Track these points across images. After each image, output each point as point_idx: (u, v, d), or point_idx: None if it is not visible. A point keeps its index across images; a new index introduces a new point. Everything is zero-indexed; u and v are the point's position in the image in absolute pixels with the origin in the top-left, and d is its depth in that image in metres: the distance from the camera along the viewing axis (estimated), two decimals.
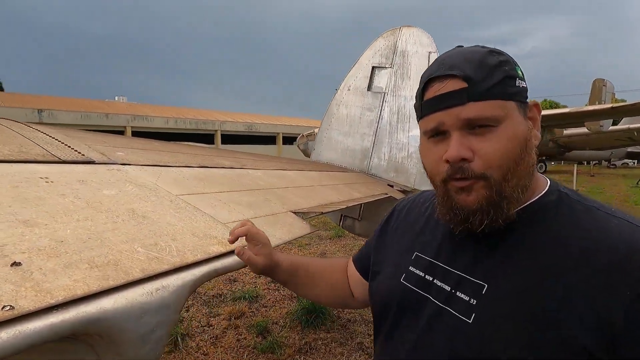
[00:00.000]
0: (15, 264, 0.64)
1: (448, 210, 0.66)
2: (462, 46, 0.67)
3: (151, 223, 0.96)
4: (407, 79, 3.84)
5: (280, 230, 1.36)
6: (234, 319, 3.53)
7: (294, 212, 1.60)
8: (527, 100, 0.65)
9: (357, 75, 4.10)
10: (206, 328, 3.39)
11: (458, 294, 0.65)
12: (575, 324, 0.53)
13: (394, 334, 0.73)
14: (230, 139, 28.82)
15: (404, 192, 3.42)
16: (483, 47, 0.64)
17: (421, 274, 0.72)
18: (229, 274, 4.56)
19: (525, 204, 0.65)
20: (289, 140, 31.50)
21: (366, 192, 2.96)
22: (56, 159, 1.21)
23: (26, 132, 1.47)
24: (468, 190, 0.62)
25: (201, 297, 4.00)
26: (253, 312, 3.68)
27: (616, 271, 0.53)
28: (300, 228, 1.49)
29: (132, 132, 24.04)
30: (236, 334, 3.29)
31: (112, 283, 0.67)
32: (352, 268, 1.03)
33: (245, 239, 0.90)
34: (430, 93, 0.64)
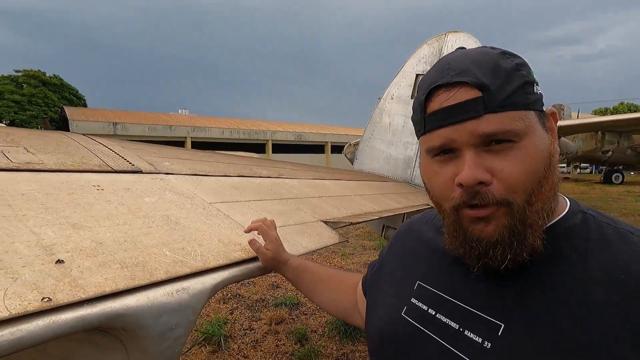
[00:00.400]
0: (59, 261, 0.73)
1: (462, 243, 0.55)
2: (464, 48, 0.59)
3: (182, 229, 1.04)
4: None
5: (307, 239, 1.38)
6: (275, 324, 3.61)
7: (324, 222, 1.62)
8: (544, 108, 0.56)
9: (401, 84, 4.05)
10: (248, 331, 3.50)
11: (466, 332, 0.54)
12: (621, 351, 0.45)
13: None
14: (280, 148, 29.81)
15: None
16: (493, 48, 0.55)
17: (424, 307, 0.62)
18: (272, 280, 4.68)
19: (549, 225, 0.55)
20: (337, 149, 31.76)
21: (406, 203, 2.89)
22: (109, 169, 1.35)
23: (90, 145, 1.67)
24: (487, 219, 0.52)
25: (245, 301, 4.16)
26: (293, 318, 3.73)
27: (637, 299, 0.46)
28: (328, 237, 1.50)
29: (192, 142, 25.88)
30: (275, 339, 3.35)
31: (137, 283, 0.74)
32: (359, 288, 0.94)
33: (258, 233, 1.04)
34: (436, 104, 0.54)
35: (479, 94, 0.50)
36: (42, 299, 0.62)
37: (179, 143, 24.76)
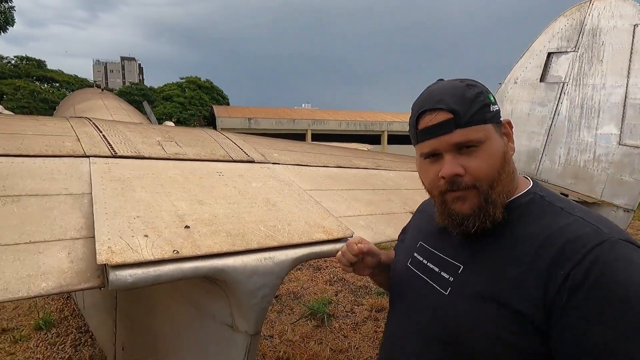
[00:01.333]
0: (187, 227, 0.99)
1: (446, 217, 0.78)
2: (443, 79, 0.80)
3: (277, 210, 1.24)
4: (598, 63, 3.07)
5: (392, 228, 1.43)
6: (375, 311, 3.71)
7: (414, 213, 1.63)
8: (501, 119, 0.77)
9: (527, 65, 3.55)
10: (349, 314, 3.70)
11: (442, 273, 0.79)
12: (515, 296, 0.65)
13: (399, 309, 0.89)
14: (396, 139, 29.21)
15: (583, 203, 2.77)
16: (461, 80, 0.76)
17: (421, 258, 0.87)
18: None
19: (508, 201, 0.75)
20: None
21: None
22: (230, 159, 1.67)
23: (220, 139, 2.06)
24: (463, 199, 0.74)
25: (349, 286, 4.38)
26: None
27: (556, 257, 0.64)
28: None
29: (312, 134, 27.63)
30: (375, 325, 3.46)
31: (236, 248, 0.95)
32: None
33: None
34: (423, 123, 0.76)
35: (451, 116, 0.73)
36: (173, 251, 0.87)
37: (301, 135, 26.81)
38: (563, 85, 3.27)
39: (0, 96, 28.73)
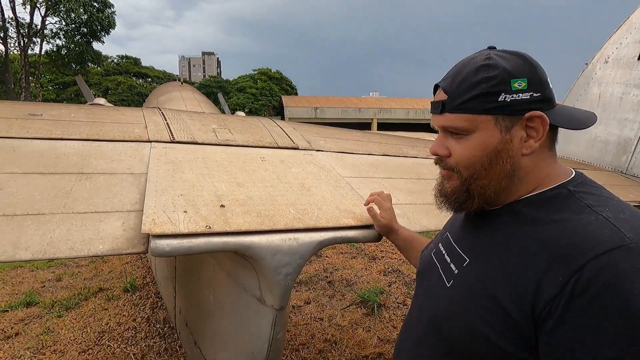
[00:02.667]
0: (222, 206, 1.09)
1: (437, 187, 0.80)
2: (494, 48, 0.72)
3: (310, 195, 1.28)
4: None
5: (429, 220, 1.39)
6: None
7: None
8: (522, 111, 0.67)
9: (622, 42, 3.03)
10: (401, 305, 3.65)
11: (451, 265, 0.77)
12: (503, 291, 0.62)
13: (416, 297, 0.91)
14: None
15: None
16: (487, 58, 0.68)
17: (442, 249, 0.86)
18: None
19: (523, 197, 0.70)
20: None
21: None
22: (275, 145, 1.75)
23: (270, 127, 2.16)
24: (447, 178, 0.76)
25: (404, 278, 4.30)
26: None
27: (557, 259, 0.58)
28: None
29: (378, 123, 27.12)
30: None
31: (263, 227, 1.02)
32: None
33: (375, 203, 1.20)
34: (434, 97, 0.76)
35: (445, 97, 0.71)
36: (206, 227, 0.97)
37: (367, 124, 26.51)
38: None
39: (106, 91, 33.27)
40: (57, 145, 1.34)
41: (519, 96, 0.66)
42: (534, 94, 0.66)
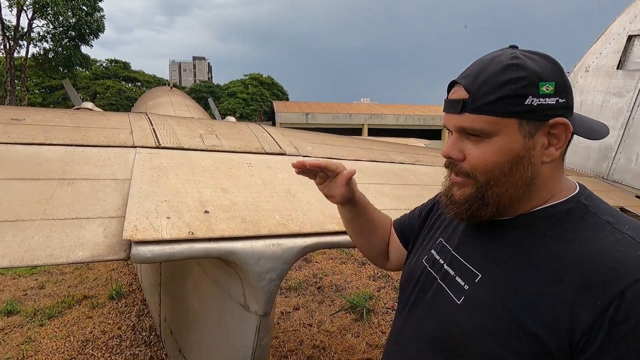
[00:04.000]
0: (206, 212, 1.08)
1: (444, 194, 0.74)
2: (516, 47, 0.68)
3: (296, 200, 1.29)
4: None
5: None
6: None
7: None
8: (547, 117, 0.63)
9: (602, 51, 3.13)
10: (390, 310, 3.66)
11: (457, 278, 0.72)
12: (534, 319, 0.58)
13: (407, 308, 0.83)
14: None
15: None
16: (514, 57, 0.63)
17: (438, 257, 0.80)
18: None
19: (536, 209, 0.67)
20: None
21: None
22: (262, 151, 1.75)
23: (258, 133, 2.16)
24: (459, 185, 0.70)
25: (393, 283, 4.32)
26: None
27: (591, 282, 0.55)
28: None
29: (368, 129, 27.30)
30: None
31: (246, 233, 1.02)
32: (393, 231, 1.06)
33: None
34: (450, 94, 0.70)
35: (466, 96, 0.65)
36: (189, 232, 0.96)
37: (357, 130, 26.65)
38: None
39: (94, 95, 32.83)
40: (40, 150, 1.32)
41: (545, 101, 0.62)
42: (560, 100, 0.62)
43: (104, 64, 37.23)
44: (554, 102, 0.62)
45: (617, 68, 3.00)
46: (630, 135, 2.89)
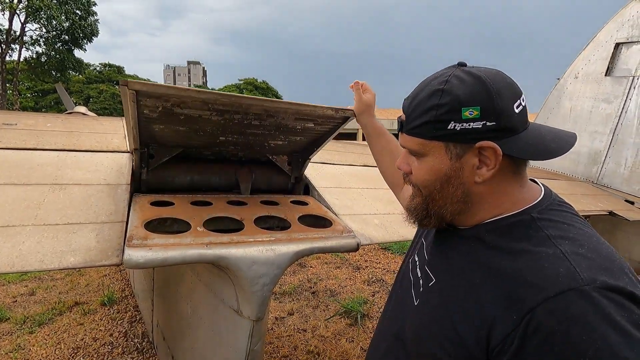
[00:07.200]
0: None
1: (407, 202, 0.79)
2: (464, 64, 0.70)
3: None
4: None
5: (407, 229, 1.41)
6: None
7: None
8: (477, 140, 0.64)
9: (591, 58, 3.19)
10: None
11: (420, 280, 0.78)
12: (463, 325, 0.62)
13: (388, 305, 0.91)
14: None
15: None
16: (443, 82, 0.66)
17: (417, 259, 0.85)
18: None
19: (486, 221, 0.70)
20: None
21: (576, 207, 2.36)
22: None
23: None
24: (412, 195, 0.76)
25: (387, 287, 4.32)
26: None
27: (511, 296, 0.58)
28: None
29: (363, 133, 27.36)
30: None
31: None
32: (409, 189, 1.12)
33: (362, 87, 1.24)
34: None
35: (404, 117, 0.72)
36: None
37: (352, 134, 26.76)
38: (633, 79, 2.91)
39: (87, 99, 32.60)
40: (32, 155, 1.31)
41: (470, 125, 0.64)
42: (487, 123, 0.63)
43: (98, 68, 37.07)
44: (480, 126, 0.63)
45: (605, 75, 3.06)
46: (619, 140, 2.95)
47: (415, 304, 0.75)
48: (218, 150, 1.36)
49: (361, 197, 1.59)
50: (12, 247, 0.86)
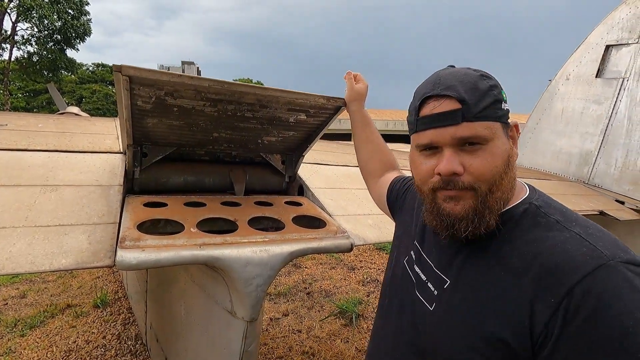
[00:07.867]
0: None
1: (435, 216, 0.71)
2: (454, 66, 0.71)
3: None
4: None
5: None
6: None
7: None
8: (509, 121, 0.69)
9: (582, 60, 3.24)
10: None
11: (429, 284, 0.75)
12: (500, 323, 0.60)
13: (387, 308, 0.87)
14: None
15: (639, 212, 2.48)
16: (475, 70, 0.69)
17: (414, 259, 0.82)
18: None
19: (500, 212, 0.68)
20: None
21: (568, 207, 2.40)
22: None
23: None
24: (456, 199, 0.68)
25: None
26: None
27: (544, 282, 0.57)
28: None
29: None
30: None
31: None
32: (387, 181, 1.12)
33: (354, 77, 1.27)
34: (426, 110, 0.69)
35: (459, 106, 0.65)
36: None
37: (347, 135, 26.79)
38: (623, 81, 2.95)
39: (80, 99, 32.26)
40: (23, 156, 1.30)
41: (507, 106, 0.68)
42: (508, 106, 0.69)
43: (91, 68, 36.70)
44: (508, 108, 0.68)
45: (596, 76, 3.11)
46: (609, 141, 2.99)
47: (431, 309, 0.71)
48: (212, 149, 1.36)
49: (355, 197, 1.60)
50: (2, 249, 0.85)
